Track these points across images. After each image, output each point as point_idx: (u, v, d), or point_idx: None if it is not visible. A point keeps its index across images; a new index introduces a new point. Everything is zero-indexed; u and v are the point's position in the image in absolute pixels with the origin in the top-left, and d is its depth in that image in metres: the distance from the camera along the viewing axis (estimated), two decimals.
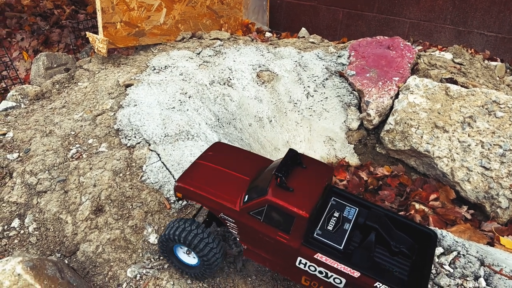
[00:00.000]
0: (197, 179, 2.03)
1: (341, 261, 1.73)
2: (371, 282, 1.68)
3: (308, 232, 1.81)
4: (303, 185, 1.82)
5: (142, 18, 3.97)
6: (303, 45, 4.46)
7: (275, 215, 1.79)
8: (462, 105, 3.40)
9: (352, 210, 1.95)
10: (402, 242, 1.88)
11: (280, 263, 1.92)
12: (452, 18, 5.31)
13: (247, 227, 1.90)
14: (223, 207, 1.92)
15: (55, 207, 2.50)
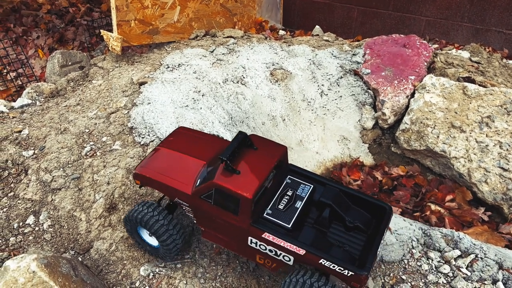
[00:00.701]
0: (154, 165, 2.07)
1: (287, 239, 1.76)
2: (316, 259, 1.73)
3: (258, 212, 1.84)
4: (251, 167, 1.84)
5: (156, 16, 3.97)
6: (317, 43, 4.42)
7: (223, 197, 1.82)
8: (480, 105, 3.34)
9: (307, 188, 1.97)
10: (358, 217, 1.92)
11: (234, 243, 1.96)
12: (469, 16, 5.20)
13: (200, 210, 1.94)
14: (177, 192, 1.97)
15: (69, 205, 2.51)
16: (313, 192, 1.98)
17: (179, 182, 1.97)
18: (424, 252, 2.27)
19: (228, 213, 1.85)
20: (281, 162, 1.96)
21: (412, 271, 2.17)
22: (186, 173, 1.99)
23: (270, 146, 1.97)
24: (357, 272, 1.67)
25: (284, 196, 1.94)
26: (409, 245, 2.28)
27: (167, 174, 2.01)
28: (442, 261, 2.22)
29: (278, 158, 1.90)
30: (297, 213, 1.87)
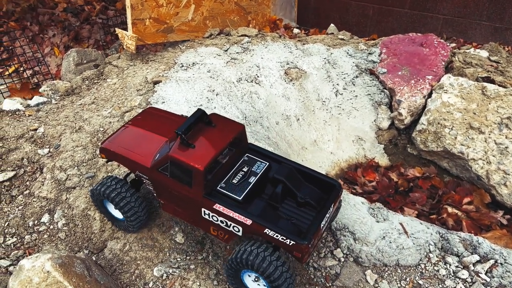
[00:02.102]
0: (119, 141, 2.20)
1: (236, 210, 1.87)
2: (261, 229, 1.82)
3: (212, 185, 1.96)
4: (206, 142, 1.96)
5: (171, 14, 3.97)
6: (332, 42, 4.37)
7: (178, 170, 1.93)
8: (499, 106, 3.26)
9: (262, 165, 2.08)
10: (310, 194, 2.01)
11: (190, 215, 2.06)
12: (488, 14, 5.09)
13: (158, 182, 2.06)
14: (137, 165, 2.08)
15: (84, 204, 2.52)
16: (268, 169, 2.08)
17: (139, 156, 2.08)
18: (442, 256, 2.22)
19: (183, 186, 1.96)
20: (237, 139, 2.07)
21: (429, 276, 2.13)
22: (148, 148, 2.10)
23: (228, 124, 2.09)
24: (298, 242, 1.76)
25: (239, 172, 2.04)
26: (426, 249, 2.23)
27: (129, 148, 2.13)
28: (460, 266, 2.17)
29: (233, 136, 2.01)
30: (249, 188, 1.98)
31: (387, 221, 2.38)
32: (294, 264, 2.17)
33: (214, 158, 1.91)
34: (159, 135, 2.14)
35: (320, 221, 1.85)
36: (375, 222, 2.36)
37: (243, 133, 2.11)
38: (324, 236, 2.19)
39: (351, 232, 2.27)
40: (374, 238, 2.24)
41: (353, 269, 2.15)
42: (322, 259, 2.19)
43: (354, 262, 2.18)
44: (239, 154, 2.11)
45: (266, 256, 1.82)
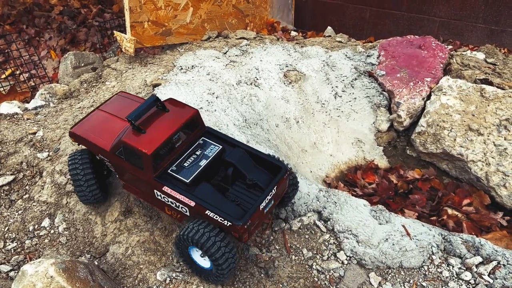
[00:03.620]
0: (86, 125, 2.31)
1: (182, 192, 1.96)
2: (203, 210, 1.91)
3: (163, 168, 2.05)
4: (157, 127, 2.06)
5: (169, 17, 3.96)
6: (330, 44, 4.38)
7: (130, 154, 2.03)
8: (498, 107, 3.28)
9: (215, 148, 2.16)
10: (259, 176, 2.08)
11: (147, 195, 2.16)
12: (484, 17, 5.14)
13: (117, 165, 2.18)
14: (99, 149, 2.19)
15: (84, 208, 2.50)
16: (221, 153, 2.15)
17: (101, 140, 2.19)
18: (445, 258, 2.22)
19: (136, 168, 2.06)
20: (190, 124, 2.16)
21: (433, 278, 2.13)
22: (110, 132, 2.19)
23: (181, 109, 2.17)
24: (233, 223, 1.84)
25: (192, 155, 2.12)
26: (429, 251, 2.24)
27: (94, 133, 2.24)
28: (463, 268, 2.17)
29: (184, 120, 2.10)
30: (198, 170, 2.06)
31: (390, 223, 2.38)
32: (298, 267, 2.17)
33: (163, 143, 2.01)
34: (122, 120, 2.23)
35: (260, 203, 1.92)
36: (378, 224, 2.36)
37: (197, 118, 2.18)
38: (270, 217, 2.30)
39: (354, 235, 2.27)
40: (377, 241, 2.25)
41: (356, 272, 2.15)
42: (325, 261, 2.19)
43: (358, 264, 2.18)
44: (194, 137, 2.20)
45: (211, 236, 1.89)
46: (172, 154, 2.10)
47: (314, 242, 2.27)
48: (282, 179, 2.04)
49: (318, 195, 2.47)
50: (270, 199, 1.99)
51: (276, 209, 2.39)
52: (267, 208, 1.98)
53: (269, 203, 1.99)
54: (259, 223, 2.02)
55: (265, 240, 2.29)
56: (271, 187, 1.98)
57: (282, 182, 2.06)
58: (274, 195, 2.01)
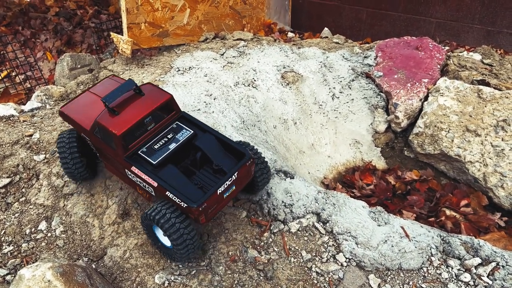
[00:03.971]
0: (74, 105, 2.42)
1: (147, 172, 2.05)
2: (163, 191, 1.99)
3: (134, 149, 2.15)
4: (130, 110, 2.15)
5: (166, 18, 3.95)
6: (327, 46, 4.38)
7: (104, 134, 2.13)
8: (495, 108, 3.29)
9: (186, 133, 2.23)
10: (225, 162, 2.16)
11: (122, 175, 2.26)
12: (480, 18, 5.15)
13: (95, 144, 2.30)
14: (81, 128, 2.31)
15: (82, 210, 2.48)
16: (192, 138, 2.23)
17: (84, 120, 2.29)
18: (444, 259, 2.22)
19: (110, 148, 2.16)
20: (164, 108, 2.24)
21: (432, 280, 2.13)
22: (93, 113, 2.25)
23: (156, 94, 2.25)
24: (189, 205, 1.92)
25: (163, 138, 2.20)
26: (428, 253, 2.23)
27: (79, 113, 2.34)
28: (463, 269, 2.17)
29: (157, 105, 2.18)
30: (166, 153, 2.14)
31: (388, 224, 2.38)
32: (297, 270, 2.16)
33: (133, 125, 2.10)
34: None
35: (218, 188, 1.99)
36: (377, 226, 2.36)
37: (171, 102, 2.26)
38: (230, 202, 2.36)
39: (353, 237, 2.27)
40: (376, 242, 2.24)
41: (356, 274, 2.14)
42: (324, 264, 2.18)
43: (357, 266, 2.17)
44: (168, 121, 2.27)
45: (171, 217, 1.96)
46: (144, 136, 2.19)
47: (313, 244, 2.26)
48: (244, 166, 2.09)
49: (316, 197, 2.46)
50: (230, 185, 2.05)
51: (268, 207, 2.39)
52: (227, 192, 2.05)
53: (229, 188, 2.05)
54: (219, 207, 2.08)
55: (263, 242, 2.28)
56: (231, 173, 2.05)
57: (245, 168, 2.11)
58: (235, 181, 2.06)
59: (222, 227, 2.36)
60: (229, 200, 2.17)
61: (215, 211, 2.06)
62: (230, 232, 2.33)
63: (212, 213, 2.05)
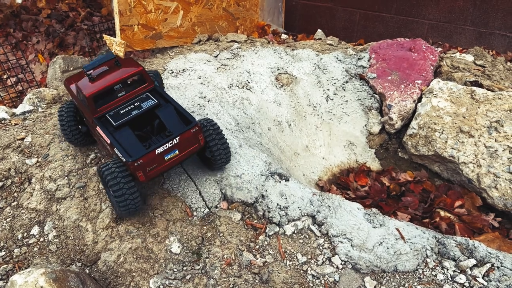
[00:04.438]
0: (75, 78, 2.61)
1: (105, 131, 2.28)
2: (113, 147, 2.22)
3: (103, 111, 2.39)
4: (105, 77, 2.40)
5: (159, 20, 3.93)
6: (321, 47, 4.38)
7: (82, 96, 2.38)
8: (488, 109, 3.30)
9: (150, 103, 2.43)
10: (178, 130, 2.31)
11: (97, 136, 2.46)
12: (472, 19, 5.19)
13: (80, 107, 2.54)
14: (72, 94, 2.58)
15: (75, 214, 2.45)
16: (156, 107, 2.42)
17: (74, 86, 2.51)
18: (439, 261, 2.22)
19: (86, 109, 2.43)
20: (134, 79, 2.47)
21: (428, 281, 2.13)
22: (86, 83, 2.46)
23: (130, 66, 2.47)
24: (126, 159, 2.12)
25: (130, 105, 2.41)
26: (423, 254, 2.23)
27: (74, 82, 2.54)
28: (458, 271, 2.17)
29: (127, 75, 2.41)
30: (127, 117, 2.35)
31: (384, 226, 2.37)
32: (293, 272, 2.15)
33: (101, 89, 2.34)
34: None
35: (156, 148, 2.16)
36: (372, 228, 2.35)
37: (142, 75, 2.48)
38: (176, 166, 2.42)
39: (348, 239, 2.26)
40: (372, 244, 2.24)
41: (351, 276, 2.14)
42: (320, 266, 2.17)
43: (353, 269, 2.17)
44: (139, 92, 2.49)
45: (115, 171, 2.14)
46: (114, 102, 2.42)
47: (309, 247, 2.26)
48: (187, 132, 2.24)
49: (312, 199, 2.45)
50: (172, 148, 2.21)
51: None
52: (168, 155, 2.21)
53: (170, 151, 2.21)
54: (160, 168, 2.22)
55: (259, 245, 2.27)
56: (173, 137, 2.20)
57: (189, 134, 2.26)
58: (177, 145, 2.22)
59: (217, 230, 2.34)
60: (174, 164, 2.29)
61: (154, 171, 2.20)
62: (225, 235, 2.31)
63: (152, 173, 2.20)
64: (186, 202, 2.44)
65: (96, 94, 2.35)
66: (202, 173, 2.57)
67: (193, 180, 2.53)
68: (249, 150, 2.78)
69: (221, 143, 2.41)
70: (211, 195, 2.46)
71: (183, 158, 2.29)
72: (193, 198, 2.45)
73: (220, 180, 2.51)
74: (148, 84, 2.51)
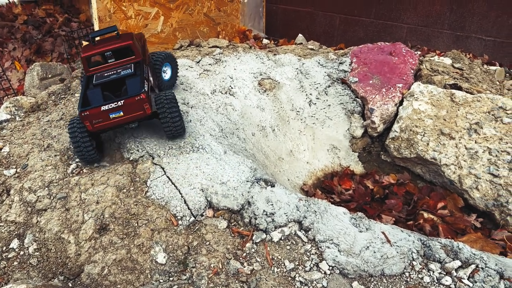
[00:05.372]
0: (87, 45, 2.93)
1: (84, 88, 2.67)
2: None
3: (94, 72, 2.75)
4: (103, 44, 2.75)
5: (140, 26, 3.88)
6: (303, 52, 4.40)
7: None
8: (468, 112, 3.36)
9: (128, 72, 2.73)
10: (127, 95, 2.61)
11: None
12: (449, 23, 5.30)
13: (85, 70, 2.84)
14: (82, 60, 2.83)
15: (57, 226, 2.39)
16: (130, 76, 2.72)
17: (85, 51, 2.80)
18: (425, 263, 2.24)
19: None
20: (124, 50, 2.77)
21: (414, 284, 2.14)
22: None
23: (123, 39, 2.77)
24: (78, 109, 2.54)
25: (113, 71, 2.74)
26: (410, 257, 2.25)
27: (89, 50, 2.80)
28: (443, 273, 2.20)
29: (118, 45, 2.72)
30: (105, 79, 2.69)
31: (370, 230, 2.38)
32: (281, 280, 2.14)
33: (93, 53, 2.71)
34: None
35: (101, 105, 2.50)
36: (358, 232, 2.36)
37: (131, 48, 2.75)
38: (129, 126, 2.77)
39: (335, 244, 2.26)
40: (359, 249, 2.24)
41: (339, 282, 2.13)
42: (308, 272, 2.16)
43: (340, 274, 2.17)
44: (126, 62, 2.78)
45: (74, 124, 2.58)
46: (103, 66, 2.77)
47: (296, 253, 2.25)
48: (131, 98, 2.52)
49: (298, 205, 2.45)
50: (116, 108, 2.51)
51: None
52: (113, 114, 2.52)
53: (114, 111, 2.52)
54: (105, 124, 2.55)
55: (246, 253, 2.25)
56: (118, 99, 2.51)
57: (133, 101, 2.53)
58: (121, 107, 2.52)
59: (203, 239, 2.31)
60: (120, 123, 2.60)
61: (101, 124, 2.55)
62: (211, 243, 2.29)
63: (99, 126, 2.55)
64: (171, 210, 2.40)
65: (89, 56, 2.72)
66: (187, 181, 2.54)
67: (177, 188, 2.50)
68: (234, 156, 2.76)
69: (171, 116, 2.66)
70: (197, 203, 2.43)
71: (128, 120, 2.60)
72: (178, 207, 2.41)
73: (206, 187, 2.49)
74: (136, 57, 2.78)
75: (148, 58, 3.01)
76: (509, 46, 5.04)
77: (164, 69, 3.21)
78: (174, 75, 3.30)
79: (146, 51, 3.02)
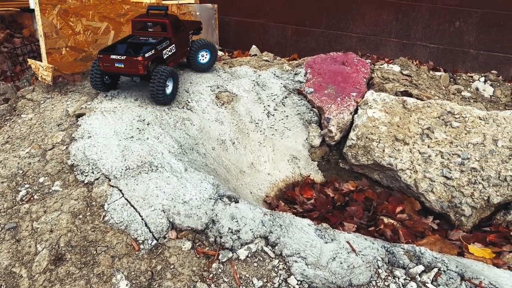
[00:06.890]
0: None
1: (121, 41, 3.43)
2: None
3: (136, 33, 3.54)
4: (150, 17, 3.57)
5: (89, 42, 3.74)
6: (258, 64, 4.41)
7: None
8: (419, 117, 3.49)
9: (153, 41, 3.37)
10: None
11: None
12: (396, 32, 5.51)
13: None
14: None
15: (6, 260, 2.22)
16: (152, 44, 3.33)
17: None
18: (390, 270, 2.28)
19: None
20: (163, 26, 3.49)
21: None
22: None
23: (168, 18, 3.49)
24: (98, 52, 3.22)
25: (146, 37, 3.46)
26: (375, 265, 2.27)
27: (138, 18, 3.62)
28: (408, 278, 2.24)
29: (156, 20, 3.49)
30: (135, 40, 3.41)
31: (335, 241, 2.39)
32: None
33: (138, 21, 3.52)
34: None
35: (111, 54, 3.17)
36: (324, 243, 2.36)
37: (166, 25, 3.45)
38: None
39: (302, 257, 2.25)
40: (326, 261, 2.24)
41: None
42: None
43: None
44: (159, 34, 3.48)
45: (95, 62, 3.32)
46: (143, 32, 3.53)
47: (264, 270, 2.21)
48: (130, 57, 3.11)
49: (263, 219, 2.42)
50: (119, 60, 3.13)
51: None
52: (117, 64, 3.14)
53: (119, 62, 3.13)
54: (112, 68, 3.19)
55: (212, 274, 2.18)
56: (122, 55, 3.13)
57: (131, 60, 3.11)
58: (123, 61, 3.12)
59: (167, 262, 2.23)
60: (120, 71, 3.23)
61: (108, 68, 3.19)
62: (176, 267, 2.21)
63: (107, 68, 3.20)
64: (132, 235, 2.30)
65: (135, 22, 3.50)
66: (147, 202, 2.44)
67: (137, 210, 2.40)
68: (195, 173, 2.70)
69: (156, 83, 3.21)
70: (158, 225, 2.35)
71: (126, 72, 3.21)
72: (139, 230, 2.32)
73: (168, 208, 2.41)
74: (168, 34, 3.44)
75: (184, 40, 3.65)
76: (451, 53, 5.31)
77: (203, 53, 3.86)
78: (213, 59, 3.93)
79: (184, 34, 3.65)
